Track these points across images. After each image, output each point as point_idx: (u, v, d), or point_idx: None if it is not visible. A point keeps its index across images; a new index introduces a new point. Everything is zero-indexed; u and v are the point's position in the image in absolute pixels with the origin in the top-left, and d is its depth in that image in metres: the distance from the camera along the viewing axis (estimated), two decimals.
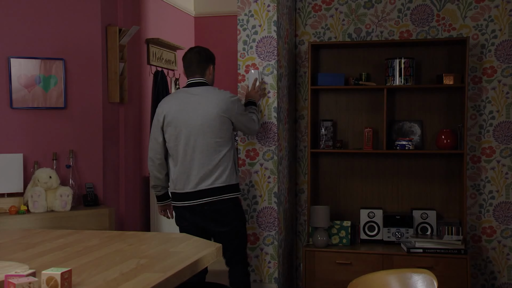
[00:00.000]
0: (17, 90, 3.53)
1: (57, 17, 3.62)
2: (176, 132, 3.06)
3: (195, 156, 3.05)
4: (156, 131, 3.11)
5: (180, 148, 3.06)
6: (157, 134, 3.11)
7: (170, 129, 3.07)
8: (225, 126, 3.10)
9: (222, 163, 3.08)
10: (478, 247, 4.07)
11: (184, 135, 3.05)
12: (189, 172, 3.06)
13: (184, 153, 3.06)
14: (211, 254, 1.88)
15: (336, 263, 3.80)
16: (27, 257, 1.79)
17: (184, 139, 3.05)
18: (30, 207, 3.39)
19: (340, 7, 4.24)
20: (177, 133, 3.06)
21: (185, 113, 3.06)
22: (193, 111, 3.06)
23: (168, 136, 3.09)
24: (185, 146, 3.05)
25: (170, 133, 3.08)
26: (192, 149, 3.05)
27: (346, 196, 4.19)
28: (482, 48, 4.05)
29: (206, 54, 3.21)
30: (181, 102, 3.09)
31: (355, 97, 4.17)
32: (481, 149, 4.06)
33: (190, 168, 3.05)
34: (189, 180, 3.06)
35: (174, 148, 3.08)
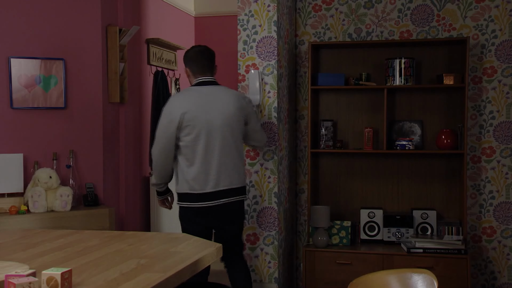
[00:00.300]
0: (17, 90, 3.53)
1: (57, 17, 3.62)
2: (195, 131, 2.97)
3: (215, 156, 2.98)
4: (171, 131, 2.96)
5: (200, 148, 2.97)
6: (171, 133, 2.96)
7: (189, 129, 2.97)
8: (240, 126, 3.10)
9: (238, 163, 3.08)
10: (478, 247, 4.07)
11: (205, 134, 2.97)
12: (208, 172, 2.99)
13: (204, 153, 2.97)
14: (211, 254, 1.88)
15: (336, 263, 3.80)
16: (27, 257, 1.79)
17: (205, 139, 2.97)
18: (30, 207, 3.39)
19: (340, 7, 4.24)
20: (197, 133, 2.97)
21: (205, 113, 2.98)
22: (213, 110, 3.00)
23: (185, 135, 2.98)
24: (206, 146, 2.97)
25: (187, 133, 2.97)
26: (212, 149, 2.98)
27: (346, 196, 4.19)
28: (482, 48, 4.04)
29: (213, 54, 3.23)
30: (198, 101, 3.00)
31: (355, 97, 4.17)
32: (481, 149, 4.06)
33: (209, 168, 2.98)
34: (208, 180, 2.99)
35: (192, 148, 2.98)
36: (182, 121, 2.95)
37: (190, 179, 3.00)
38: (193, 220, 3.07)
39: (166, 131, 2.97)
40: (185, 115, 2.95)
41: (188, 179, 3.00)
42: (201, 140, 2.96)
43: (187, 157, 3.00)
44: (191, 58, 3.12)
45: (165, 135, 2.98)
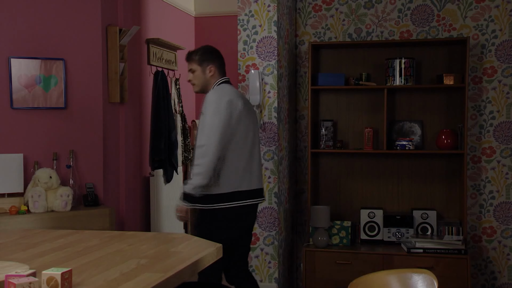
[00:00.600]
0: (18, 90, 3.53)
1: (57, 17, 3.62)
2: (245, 128, 2.94)
3: (255, 154, 3.00)
4: (232, 122, 2.87)
5: (248, 145, 2.95)
6: (233, 124, 2.87)
7: (242, 123, 2.92)
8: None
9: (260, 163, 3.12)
10: (478, 247, 4.07)
11: (251, 132, 2.98)
12: (251, 170, 2.97)
13: (250, 151, 2.96)
14: (211, 254, 1.88)
15: (336, 263, 3.80)
16: (27, 257, 1.79)
17: (251, 137, 2.98)
18: (30, 207, 3.39)
19: (340, 7, 4.24)
20: (247, 130, 2.95)
21: (250, 110, 3.02)
22: (252, 108, 3.08)
23: (238, 129, 2.91)
24: (252, 144, 2.98)
25: (240, 130, 2.92)
26: (253, 147, 2.99)
27: (347, 196, 4.19)
28: (483, 48, 4.05)
29: None
30: (243, 98, 3.01)
31: (355, 97, 4.17)
32: (481, 149, 4.06)
33: (252, 166, 2.97)
34: (252, 177, 2.97)
35: (242, 144, 2.93)
36: (241, 113, 2.91)
37: (239, 177, 2.91)
38: (235, 223, 2.94)
39: (224, 127, 2.83)
40: (241, 111, 2.92)
41: (237, 176, 2.90)
42: (249, 138, 2.95)
43: (237, 153, 2.91)
44: (218, 56, 3.06)
45: (225, 124, 2.84)
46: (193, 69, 3.04)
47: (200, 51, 3.06)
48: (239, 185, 2.90)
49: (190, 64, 3.05)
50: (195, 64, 3.03)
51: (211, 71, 3.01)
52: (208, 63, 3.01)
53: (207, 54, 3.03)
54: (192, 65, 3.04)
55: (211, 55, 3.03)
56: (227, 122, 2.84)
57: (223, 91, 2.94)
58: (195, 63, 3.03)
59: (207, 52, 3.04)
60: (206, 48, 3.08)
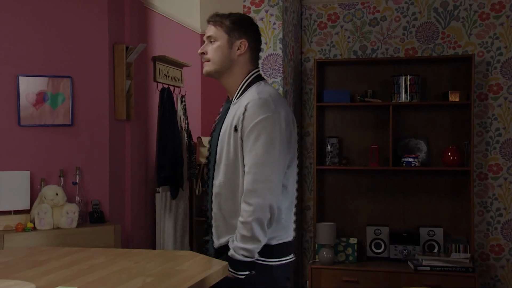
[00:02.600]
0: (25, 107, 3.56)
1: (65, 36, 3.67)
2: (293, 152, 2.05)
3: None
4: (290, 148, 2.00)
5: (294, 176, 2.07)
6: (290, 151, 2.01)
7: (292, 147, 2.04)
8: None
9: None
10: (486, 265, 4.03)
11: (296, 157, 2.08)
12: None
13: (294, 184, 2.08)
14: (217, 273, 1.87)
15: (342, 280, 3.77)
16: (33, 276, 1.79)
17: (296, 164, 2.08)
18: (36, 224, 3.39)
19: (346, 25, 4.27)
20: (293, 154, 2.05)
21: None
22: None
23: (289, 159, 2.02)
24: (297, 175, 2.10)
25: (291, 155, 2.04)
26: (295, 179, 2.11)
27: (352, 213, 4.17)
28: (488, 66, 4.05)
29: None
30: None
31: (360, 114, 4.17)
32: (488, 166, 4.04)
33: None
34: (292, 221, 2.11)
35: (292, 176, 2.06)
36: (291, 133, 2.02)
37: (289, 222, 2.07)
38: (286, 279, 2.09)
39: (283, 153, 1.95)
40: (295, 124, 2.06)
41: (288, 222, 2.06)
42: (294, 164, 2.05)
43: (288, 191, 2.04)
44: (256, 33, 2.12)
45: (284, 161, 1.96)
46: (214, 37, 2.07)
47: (234, 16, 2.09)
48: (289, 234, 2.09)
49: (213, 27, 2.08)
50: (221, 30, 2.05)
51: (241, 47, 2.05)
52: (240, 36, 2.05)
53: (244, 23, 2.08)
54: (216, 30, 2.07)
55: (249, 27, 2.09)
56: (287, 140, 1.98)
57: (276, 96, 2.02)
58: (222, 29, 2.05)
59: (245, 21, 2.09)
60: (243, 16, 2.14)
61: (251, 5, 3.81)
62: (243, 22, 2.10)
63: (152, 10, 4.56)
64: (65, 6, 3.67)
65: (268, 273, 2.00)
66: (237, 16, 2.10)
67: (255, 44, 2.10)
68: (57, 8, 3.64)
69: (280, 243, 2.02)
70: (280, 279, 2.05)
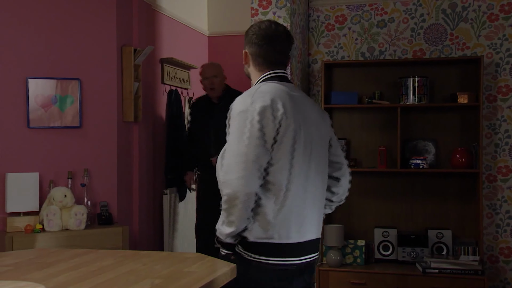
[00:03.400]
0: (34, 109, 3.58)
1: (73, 38, 3.69)
2: (286, 150, 2.13)
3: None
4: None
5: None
6: (258, 151, 2.05)
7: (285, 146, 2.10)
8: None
9: None
10: (495, 268, 4.00)
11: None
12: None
13: (286, 182, 2.11)
14: (225, 274, 1.87)
15: (350, 283, 3.76)
16: (42, 277, 1.80)
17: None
18: (45, 225, 3.41)
19: (353, 26, 4.26)
20: (285, 152, 2.14)
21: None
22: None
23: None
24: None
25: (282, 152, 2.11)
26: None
27: (360, 215, 4.16)
28: (497, 67, 4.03)
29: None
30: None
31: (368, 116, 4.16)
32: (497, 168, 4.02)
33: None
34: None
35: (280, 174, 2.10)
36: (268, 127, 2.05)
37: (279, 222, 2.06)
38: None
39: (257, 142, 1.99)
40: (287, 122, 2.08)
41: (279, 222, 2.05)
42: (284, 162, 2.08)
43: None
44: (260, 37, 2.18)
45: (256, 146, 1.99)
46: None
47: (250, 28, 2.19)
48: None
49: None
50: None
51: (246, 58, 2.20)
52: (245, 47, 2.19)
53: (246, 34, 2.19)
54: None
55: (249, 34, 2.17)
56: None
57: (258, 94, 2.05)
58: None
59: (247, 31, 2.20)
60: (249, 26, 2.23)
61: (258, 7, 3.81)
62: (246, 33, 2.19)
63: (160, 12, 4.58)
64: (74, 9, 3.69)
65: (245, 266, 2.03)
66: (251, 26, 2.21)
67: (259, 49, 2.13)
68: (65, 11, 3.66)
69: (261, 242, 2.02)
70: (263, 282, 2.04)
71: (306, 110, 2.11)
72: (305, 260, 2.11)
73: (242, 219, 2.00)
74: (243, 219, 2.00)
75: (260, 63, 2.14)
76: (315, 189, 2.10)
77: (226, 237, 2.06)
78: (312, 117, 2.13)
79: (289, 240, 2.03)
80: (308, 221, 2.08)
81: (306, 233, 2.08)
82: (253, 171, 1.96)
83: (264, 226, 2.02)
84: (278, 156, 2.00)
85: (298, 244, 2.06)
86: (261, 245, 2.03)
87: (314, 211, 2.10)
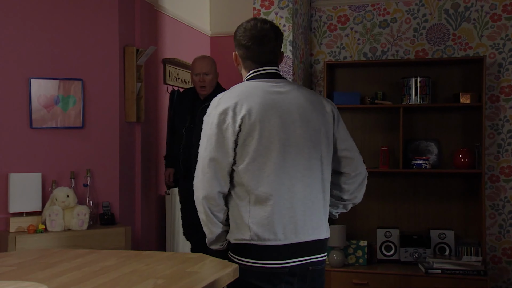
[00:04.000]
0: (37, 110, 3.59)
1: (76, 39, 3.69)
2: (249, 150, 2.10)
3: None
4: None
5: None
6: (216, 153, 2.07)
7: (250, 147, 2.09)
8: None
9: None
10: (498, 269, 3.99)
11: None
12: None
13: (257, 182, 2.08)
14: (228, 275, 1.87)
15: (352, 283, 3.75)
16: (45, 277, 1.80)
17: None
18: (48, 226, 3.41)
19: (356, 27, 4.26)
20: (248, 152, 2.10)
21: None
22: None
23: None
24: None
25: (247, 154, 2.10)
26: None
27: (362, 215, 4.15)
28: (500, 67, 4.02)
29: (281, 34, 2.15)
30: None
31: (371, 116, 4.16)
32: (500, 168, 4.01)
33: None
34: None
35: (248, 174, 2.09)
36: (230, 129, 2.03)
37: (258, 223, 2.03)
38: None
39: (215, 144, 2.03)
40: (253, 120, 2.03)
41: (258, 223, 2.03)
42: (250, 162, 2.04)
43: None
44: (248, 36, 2.13)
45: (213, 148, 2.03)
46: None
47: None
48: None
49: None
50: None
51: (236, 60, 2.19)
52: (235, 48, 2.17)
53: (235, 34, 2.15)
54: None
55: (236, 35, 2.14)
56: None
57: (226, 96, 2.07)
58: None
59: (235, 32, 2.15)
60: (238, 26, 2.16)
61: (260, 8, 3.81)
62: (234, 34, 2.15)
63: (162, 12, 4.58)
64: (76, 10, 3.69)
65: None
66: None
67: (246, 51, 2.10)
68: (68, 12, 3.67)
69: (243, 244, 2.00)
70: (251, 286, 2.00)
71: (291, 106, 2.02)
72: (294, 263, 2.00)
73: (210, 223, 2.01)
74: (212, 223, 2.01)
75: (249, 64, 2.12)
76: (304, 188, 2.01)
77: (209, 245, 2.10)
78: (299, 113, 2.03)
79: (272, 242, 1.97)
80: (298, 222, 2.00)
81: (294, 234, 1.99)
82: (211, 175, 1.96)
83: (241, 228, 1.99)
84: (242, 157, 1.97)
85: (286, 246, 1.98)
86: (243, 246, 2.01)
87: (306, 211, 2.02)
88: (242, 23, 2.14)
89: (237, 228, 2.01)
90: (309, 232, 2.03)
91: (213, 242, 2.09)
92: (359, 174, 2.20)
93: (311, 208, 2.04)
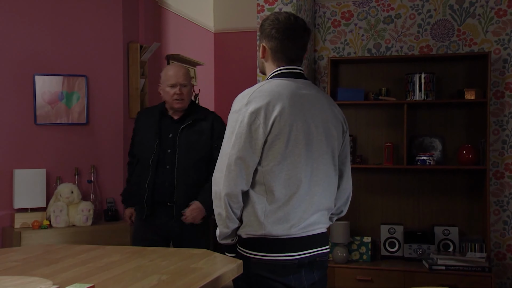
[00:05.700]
0: (41, 106, 3.60)
1: (80, 35, 3.70)
2: (277, 153, 2.09)
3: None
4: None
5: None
6: (244, 152, 2.04)
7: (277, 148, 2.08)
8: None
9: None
10: (503, 265, 3.99)
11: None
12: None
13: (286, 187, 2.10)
14: (232, 271, 1.87)
15: (356, 279, 3.76)
16: (50, 273, 1.81)
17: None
18: (52, 221, 3.43)
19: (360, 23, 4.25)
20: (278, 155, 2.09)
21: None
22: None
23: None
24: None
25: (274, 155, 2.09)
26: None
27: (366, 211, 4.15)
28: (505, 63, 4.00)
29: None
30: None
31: (375, 112, 4.15)
32: (504, 164, 4.00)
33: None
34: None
35: (279, 179, 2.08)
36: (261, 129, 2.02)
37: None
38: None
39: (244, 142, 2.00)
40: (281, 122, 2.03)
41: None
42: (282, 167, 2.05)
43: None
44: (278, 31, 2.07)
45: (242, 147, 1.99)
46: (257, 45, 2.20)
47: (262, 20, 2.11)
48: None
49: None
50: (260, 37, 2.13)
51: (261, 52, 2.11)
52: (261, 40, 2.11)
53: (262, 26, 2.10)
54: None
55: (265, 27, 2.07)
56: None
57: (256, 93, 2.00)
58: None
59: (263, 23, 2.09)
60: (265, 18, 2.11)
61: (264, 3, 3.81)
62: (262, 25, 2.10)
63: (166, 9, 4.58)
64: (80, 6, 3.69)
65: (246, 263, 2.01)
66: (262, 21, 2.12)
67: (279, 44, 2.04)
68: (72, 8, 3.67)
69: (254, 237, 2.02)
70: (260, 278, 2.02)
71: (315, 110, 2.05)
72: (304, 255, 2.05)
73: (229, 219, 2.00)
74: (230, 219, 2.00)
75: (280, 58, 2.06)
76: (320, 192, 2.06)
77: (221, 240, 2.09)
78: (323, 116, 2.07)
79: (284, 236, 2.00)
80: (311, 220, 2.04)
81: (305, 230, 2.03)
82: (237, 173, 1.95)
83: (255, 225, 2.00)
84: (268, 158, 1.97)
85: (296, 239, 2.02)
86: (254, 240, 2.02)
87: (319, 212, 2.07)
88: (273, 14, 2.08)
89: (251, 225, 2.01)
90: (319, 226, 2.09)
91: (227, 237, 2.08)
92: (345, 190, 2.22)
93: (322, 210, 2.11)
